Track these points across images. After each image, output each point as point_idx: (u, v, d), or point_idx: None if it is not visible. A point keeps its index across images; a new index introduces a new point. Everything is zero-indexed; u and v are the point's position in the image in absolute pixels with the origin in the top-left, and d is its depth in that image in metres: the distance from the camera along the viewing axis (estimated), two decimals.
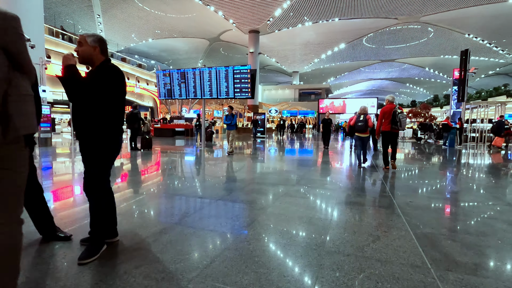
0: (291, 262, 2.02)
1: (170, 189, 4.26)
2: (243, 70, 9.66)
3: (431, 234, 2.57)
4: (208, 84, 10.11)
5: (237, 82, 9.78)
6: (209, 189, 4.35)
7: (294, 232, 2.58)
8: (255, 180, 5.02)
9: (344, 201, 3.71)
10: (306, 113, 35.10)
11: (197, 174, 5.68)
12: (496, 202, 3.83)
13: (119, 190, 4.09)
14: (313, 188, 4.41)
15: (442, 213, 3.43)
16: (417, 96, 59.32)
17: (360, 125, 6.43)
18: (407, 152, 11.58)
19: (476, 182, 5.34)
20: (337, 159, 8.81)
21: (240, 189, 4.33)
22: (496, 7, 27.75)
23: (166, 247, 2.21)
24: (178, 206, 3.35)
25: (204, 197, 3.76)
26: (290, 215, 3.03)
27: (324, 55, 39.50)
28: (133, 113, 10.26)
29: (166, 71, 10.56)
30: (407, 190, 4.49)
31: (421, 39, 36.31)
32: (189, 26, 33.92)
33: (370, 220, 2.92)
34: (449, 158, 9.53)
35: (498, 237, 2.53)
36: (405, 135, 18.81)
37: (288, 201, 3.64)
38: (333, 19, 30.75)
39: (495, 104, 16.53)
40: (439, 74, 45.61)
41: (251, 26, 29.80)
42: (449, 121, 13.37)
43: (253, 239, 2.39)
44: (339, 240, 2.41)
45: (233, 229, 2.62)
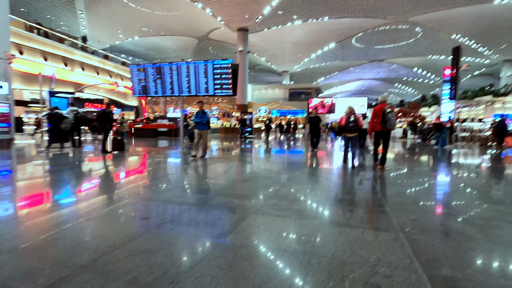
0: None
1: (94, 212, 3.35)
2: (224, 64, 8.75)
3: (451, 279, 1.74)
4: (186, 80, 9.16)
5: (217, 78, 8.86)
6: (155, 207, 3.44)
7: (259, 279, 1.71)
8: (223, 191, 4.13)
9: (331, 223, 2.86)
10: (296, 113, 34.38)
11: (147, 188, 4.74)
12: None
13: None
14: (293, 203, 3.55)
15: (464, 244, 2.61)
16: (405, 96, 59.44)
17: (351, 126, 6.45)
18: (399, 153, 10.90)
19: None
20: (325, 164, 7.99)
21: (200, 204, 3.43)
22: (481, 8, 27.74)
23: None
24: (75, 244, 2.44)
25: (144, 220, 2.85)
26: (255, 249, 2.17)
27: (314, 54, 38.89)
28: (105, 112, 9.23)
29: (140, 66, 9.56)
30: (407, 204, 3.68)
31: (409, 39, 36.15)
32: (177, 24, 32.75)
33: (365, 254, 2.08)
34: (450, 161, 8.85)
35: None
36: (395, 135, 18.26)
37: (260, 222, 2.77)
38: (323, 18, 30.15)
39: (485, 103, 16.11)
40: (427, 75, 45.65)
41: (240, 24, 28.88)
42: (441, 121, 12.78)
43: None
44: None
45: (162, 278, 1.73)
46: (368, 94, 53.59)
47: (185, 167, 6.38)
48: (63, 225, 2.59)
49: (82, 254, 2.02)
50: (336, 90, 61.70)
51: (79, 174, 5.48)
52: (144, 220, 2.78)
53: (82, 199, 3.63)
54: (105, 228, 2.58)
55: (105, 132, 9.05)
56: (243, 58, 28.91)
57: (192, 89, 9.15)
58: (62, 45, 19.09)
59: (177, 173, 5.79)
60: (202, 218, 2.89)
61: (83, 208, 3.16)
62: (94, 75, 22.07)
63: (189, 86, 9.16)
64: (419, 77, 47.95)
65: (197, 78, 9.03)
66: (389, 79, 52.59)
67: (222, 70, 8.76)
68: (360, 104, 29.49)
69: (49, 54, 17.75)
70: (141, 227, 2.58)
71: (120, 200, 3.55)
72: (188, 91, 9.19)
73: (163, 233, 2.43)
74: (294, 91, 42.38)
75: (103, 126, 9.03)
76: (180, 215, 2.99)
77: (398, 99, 49.49)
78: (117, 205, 3.34)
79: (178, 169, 6.28)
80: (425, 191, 4.47)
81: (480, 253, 2.15)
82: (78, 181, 4.82)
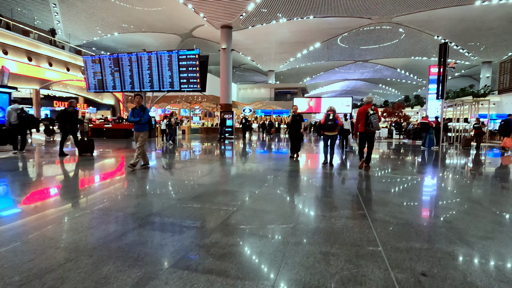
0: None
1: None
2: (190, 55, 7.52)
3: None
4: (148, 74, 7.86)
5: (183, 71, 7.62)
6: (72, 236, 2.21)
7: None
8: (157, 212, 2.94)
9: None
10: (281, 113, 33.36)
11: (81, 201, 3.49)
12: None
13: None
14: (231, 257, 2.40)
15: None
16: (389, 97, 59.69)
17: (330, 124, 6.36)
18: (383, 155, 9.98)
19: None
20: (301, 168, 6.89)
21: (117, 237, 2.23)
22: (462, 10, 27.70)
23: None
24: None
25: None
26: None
27: (299, 54, 38.04)
28: (67, 111, 7.88)
29: (95, 57, 8.19)
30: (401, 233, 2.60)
31: (393, 40, 35.96)
32: (159, 20, 31.11)
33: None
34: (438, 164, 7.94)
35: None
36: (380, 135, 17.51)
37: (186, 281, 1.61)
38: (308, 16, 29.32)
39: (470, 103, 15.56)
40: (410, 75, 45.75)
41: (223, 21, 27.58)
42: (429, 120, 11.99)
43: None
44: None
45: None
46: (354, 94, 53.36)
47: (116, 181, 5.13)
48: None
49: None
50: (323, 90, 61.33)
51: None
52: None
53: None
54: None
55: (64, 133, 7.87)
56: (226, 56, 27.66)
57: (154, 84, 7.87)
58: (25, 38, 17.22)
59: (90, 192, 4.55)
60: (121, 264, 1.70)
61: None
62: (64, 71, 20.22)
63: (151, 80, 7.88)
64: (402, 78, 48.05)
65: (160, 71, 7.75)
66: (373, 80, 52.54)
67: (188, 62, 7.53)
68: (345, 103, 28.93)
69: (10, 47, 15.91)
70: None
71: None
72: (150, 86, 7.90)
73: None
74: (280, 90, 41.41)
75: (63, 126, 7.83)
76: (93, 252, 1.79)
77: (382, 100, 49.46)
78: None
79: (98, 187, 5.01)
80: (405, 196, 3.45)
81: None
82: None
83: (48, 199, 3.68)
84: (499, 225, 2.82)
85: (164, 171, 5.84)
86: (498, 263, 2.04)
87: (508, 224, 2.90)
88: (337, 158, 8.61)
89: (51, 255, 2.02)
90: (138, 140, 5.75)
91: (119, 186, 4.40)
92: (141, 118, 5.69)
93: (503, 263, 2.04)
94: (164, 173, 5.56)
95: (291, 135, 7.90)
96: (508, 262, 2.07)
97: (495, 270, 1.94)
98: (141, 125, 5.77)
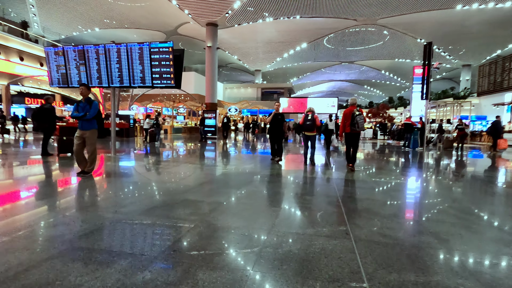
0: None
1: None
2: (163, 48, 6.84)
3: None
4: (117, 68, 7.13)
5: (155, 65, 6.94)
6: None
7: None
8: (90, 232, 2.29)
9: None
10: (267, 112, 32.85)
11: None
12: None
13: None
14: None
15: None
16: (374, 98, 60.41)
17: (308, 124, 6.37)
18: (367, 156, 9.63)
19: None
20: (285, 184, 6.37)
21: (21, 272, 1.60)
22: (444, 14, 28.20)
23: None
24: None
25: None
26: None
27: (286, 54, 37.70)
28: (43, 108, 7.07)
29: (58, 48, 7.36)
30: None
31: (378, 42, 36.26)
32: (142, 16, 29.96)
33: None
34: (422, 166, 7.62)
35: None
36: (365, 136, 17.30)
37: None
38: (294, 16, 28.99)
39: (452, 104, 15.56)
40: (394, 77, 46.38)
41: (209, 19, 26.79)
42: (412, 121, 11.78)
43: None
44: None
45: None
46: (339, 95, 53.50)
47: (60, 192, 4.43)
48: None
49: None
50: (309, 91, 61.39)
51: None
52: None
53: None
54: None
55: (44, 132, 7.14)
56: (212, 54, 26.90)
57: (124, 79, 7.14)
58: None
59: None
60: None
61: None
62: (37, 66, 18.90)
63: (120, 75, 7.14)
64: (386, 79, 48.67)
65: (130, 65, 7.03)
66: (359, 81, 53.00)
67: (161, 56, 6.85)
68: (330, 104, 28.75)
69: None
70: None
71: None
72: (119, 82, 7.16)
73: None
74: (267, 90, 40.93)
75: (41, 125, 7.10)
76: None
77: (367, 101, 49.95)
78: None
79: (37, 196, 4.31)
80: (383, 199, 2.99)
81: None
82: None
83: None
84: (507, 245, 2.37)
85: (123, 177, 5.13)
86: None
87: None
88: (322, 158, 8.24)
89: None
90: (87, 142, 4.87)
91: (63, 195, 3.71)
92: (87, 113, 4.81)
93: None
94: (122, 179, 4.87)
95: (272, 136, 7.02)
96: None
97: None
98: (87, 122, 4.84)
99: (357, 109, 5.93)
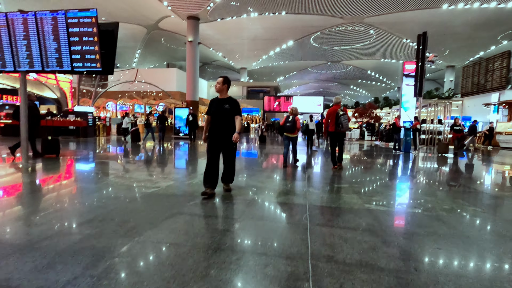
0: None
1: None
2: (85, 18, 4.92)
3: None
4: (24, 45, 5.15)
5: (75, 42, 5.00)
6: None
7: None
8: None
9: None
10: (250, 111, 31.04)
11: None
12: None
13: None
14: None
15: None
16: (359, 98, 59.60)
17: (289, 126, 6.17)
18: (359, 161, 7.99)
19: None
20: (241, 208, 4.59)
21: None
22: (429, 14, 27.31)
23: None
24: None
25: None
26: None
27: (272, 52, 36.00)
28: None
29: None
30: None
31: (364, 41, 35.16)
32: (120, 8, 27.49)
33: None
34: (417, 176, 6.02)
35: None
36: (352, 136, 15.79)
37: None
38: (280, 12, 27.31)
39: (443, 104, 14.25)
40: (380, 77, 45.52)
41: (189, 11, 24.70)
42: (397, 121, 10.24)
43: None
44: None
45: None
46: (326, 95, 52.26)
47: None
48: None
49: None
50: (296, 90, 60.06)
51: None
52: None
53: None
54: None
55: (30, 131, 5.98)
56: (193, 49, 24.86)
57: (35, 61, 5.16)
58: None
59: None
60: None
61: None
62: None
63: (29, 55, 5.16)
64: (372, 79, 47.81)
65: (42, 42, 5.07)
66: (345, 81, 51.99)
67: (83, 29, 4.92)
68: (316, 103, 27.33)
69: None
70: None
71: None
72: (29, 65, 5.19)
73: None
74: (252, 89, 39.08)
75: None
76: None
77: (353, 101, 49.00)
78: None
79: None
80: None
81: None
82: None
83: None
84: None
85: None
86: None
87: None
88: (304, 158, 6.83)
89: None
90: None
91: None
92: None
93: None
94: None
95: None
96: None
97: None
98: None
99: (341, 109, 5.79)
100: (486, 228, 2.76)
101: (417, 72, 9.73)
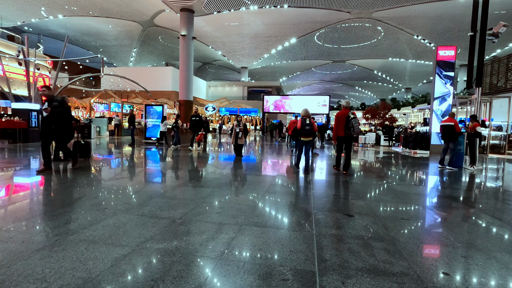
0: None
1: None
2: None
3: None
4: None
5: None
6: None
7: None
8: None
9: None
10: (249, 112, 27.83)
11: None
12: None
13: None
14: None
15: None
16: (365, 100, 55.84)
17: (307, 129, 5.51)
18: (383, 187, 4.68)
19: None
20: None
21: None
22: (442, 7, 23.71)
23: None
24: None
25: None
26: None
27: (274, 50, 32.75)
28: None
29: None
30: None
31: (371, 39, 31.68)
32: (113, 3, 24.59)
33: None
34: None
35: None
36: (367, 141, 12.43)
37: None
38: (282, 5, 24.02)
39: (487, 101, 10.83)
40: (386, 78, 41.88)
41: (183, 3, 21.64)
42: (456, 122, 6.75)
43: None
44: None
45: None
46: (330, 96, 48.87)
47: None
48: None
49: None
50: (300, 92, 56.69)
51: None
52: None
53: None
54: None
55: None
56: (187, 44, 21.78)
57: None
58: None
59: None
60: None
61: None
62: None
63: None
64: (379, 80, 44.20)
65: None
66: (350, 82, 48.45)
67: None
68: (321, 102, 24.05)
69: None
70: None
71: None
72: None
73: None
74: (254, 89, 35.86)
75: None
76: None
77: (358, 102, 45.47)
78: None
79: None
80: None
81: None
82: None
83: None
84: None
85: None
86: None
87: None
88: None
89: None
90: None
91: None
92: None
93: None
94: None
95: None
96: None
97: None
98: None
99: (351, 112, 5.42)
100: None
101: (471, 55, 6.38)
